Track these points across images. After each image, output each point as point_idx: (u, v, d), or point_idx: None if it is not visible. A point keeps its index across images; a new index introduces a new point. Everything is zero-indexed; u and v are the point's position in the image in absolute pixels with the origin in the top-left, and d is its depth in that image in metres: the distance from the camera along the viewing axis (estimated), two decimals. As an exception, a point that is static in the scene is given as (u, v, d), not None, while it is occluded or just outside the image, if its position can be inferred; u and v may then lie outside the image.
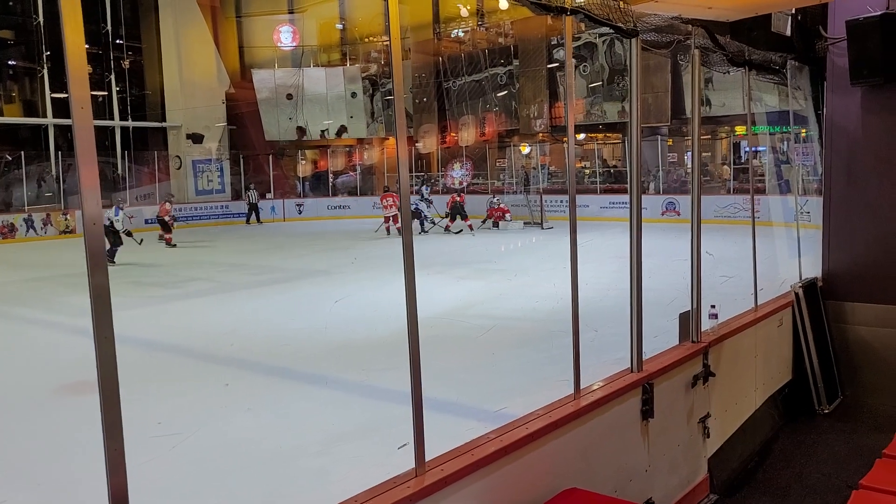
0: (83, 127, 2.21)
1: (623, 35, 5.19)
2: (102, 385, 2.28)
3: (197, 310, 11.34)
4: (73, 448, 5.38)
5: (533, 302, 10.52)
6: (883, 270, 7.71)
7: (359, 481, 3.45)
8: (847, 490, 4.39)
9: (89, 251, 2.26)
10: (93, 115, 2.25)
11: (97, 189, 2.27)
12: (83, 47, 2.17)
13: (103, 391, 2.28)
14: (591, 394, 4.75)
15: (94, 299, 2.26)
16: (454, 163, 32.62)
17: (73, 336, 9.14)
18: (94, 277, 2.27)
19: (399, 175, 3.64)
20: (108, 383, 2.29)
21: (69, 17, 2.10)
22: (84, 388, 6.51)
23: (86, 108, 2.19)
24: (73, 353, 8.09)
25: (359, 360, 7.76)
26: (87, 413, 2.53)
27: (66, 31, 2.12)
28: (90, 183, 2.23)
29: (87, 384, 2.40)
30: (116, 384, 2.31)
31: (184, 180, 31.08)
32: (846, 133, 7.92)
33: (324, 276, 14.48)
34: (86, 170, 2.21)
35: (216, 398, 6.57)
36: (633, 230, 5.39)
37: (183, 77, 31.51)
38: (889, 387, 7.71)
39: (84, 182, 2.21)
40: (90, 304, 2.26)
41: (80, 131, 2.21)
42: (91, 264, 2.26)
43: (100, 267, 2.27)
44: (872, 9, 7.24)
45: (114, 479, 2.33)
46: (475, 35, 33.15)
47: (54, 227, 24.57)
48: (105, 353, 2.28)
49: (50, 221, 24.63)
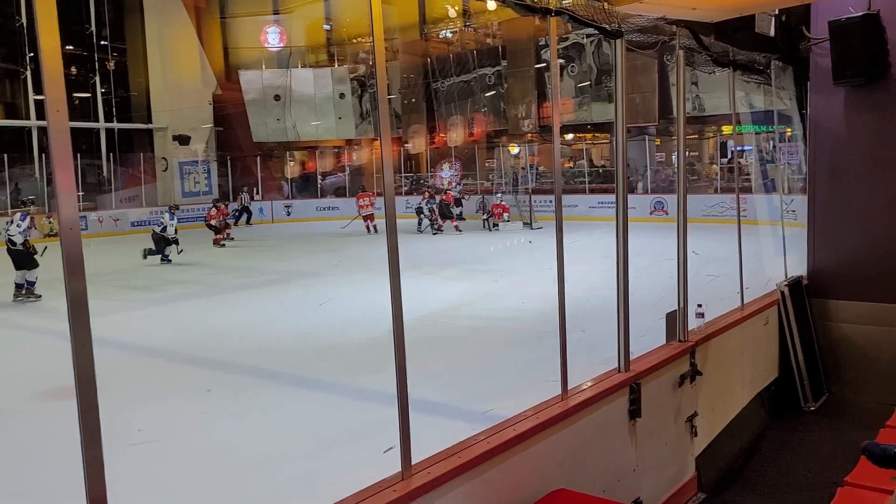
0: (59, 130, 2.18)
1: (608, 36, 5.20)
2: (80, 391, 2.25)
3: (181, 313, 11.28)
4: (56, 455, 5.33)
5: (521, 302, 10.52)
6: (867, 268, 7.75)
7: (347, 485, 3.43)
8: (833, 487, 4.41)
9: (66, 256, 2.23)
10: (77, 117, 2.23)
11: (74, 193, 2.25)
12: (58, 49, 2.14)
13: (81, 397, 2.26)
14: (579, 394, 4.74)
15: (72, 304, 2.24)
16: (443, 163, 32.63)
17: (56, 340, 9.06)
18: (71, 282, 2.24)
19: (384, 176, 3.62)
20: (85, 389, 2.26)
21: (44, 18, 2.07)
22: (67, 393, 6.45)
23: (61, 110, 2.16)
24: (56, 358, 7.99)
25: (346, 362, 7.73)
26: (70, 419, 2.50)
27: (41, 34, 2.09)
28: (67, 187, 2.20)
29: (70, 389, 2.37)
30: (94, 390, 2.28)
31: (170, 182, 30.92)
32: (830, 132, 7.96)
33: (311, 279, 14.43)
34: (62, 173, 2.19)
35: (199, 403, 6.51)
36: (620, 230, 5.39)
37: (168, 78, 31.33)
38: (873, 384, 7.75)
39: (60, 186, 2.18)
40: (67, 310, 2.23)
41: (56, 134, 2.18)
42: (68, 269, 2.23)
43: (77, 272, 2.24)
44: (854, 9, 7.28)
45: (93, 487, 2.30)
46: (463, 36, 33.16)
47: (38, 230, 24.39)
48: (83, 358, 2.25)
49: (34, 224, 24.43)
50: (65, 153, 2.21)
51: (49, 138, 2.16)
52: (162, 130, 31.71)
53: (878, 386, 7.70)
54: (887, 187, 7.58)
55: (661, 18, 5.78)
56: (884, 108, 7.52)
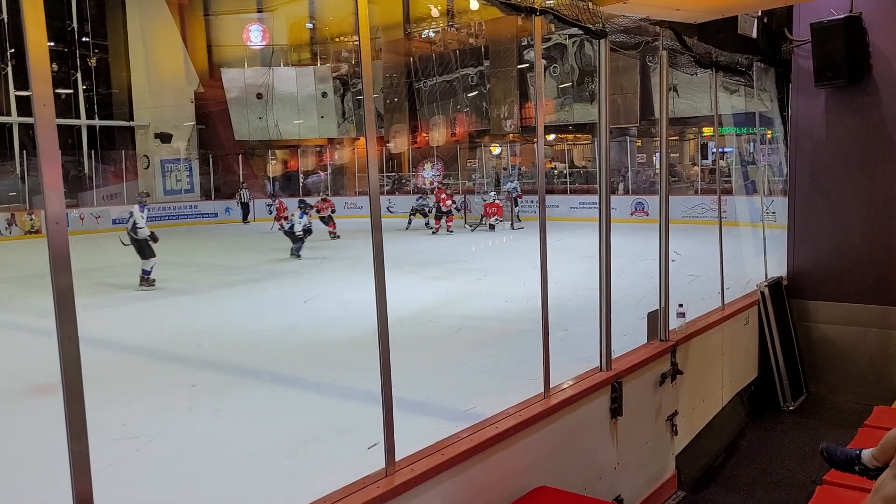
0: (45, 125, 2.17)
1: (592, 36, 5.22)
2: (66, 387, 2.25)
3: (163, 310, 11.22)
4: (40, 451, 5.29)
5: (503, 302, 10.56)
6: (846, 269, 7.84)
7: (329, 482, 3.43)
8: (811, 485, 4.46)
9: (52, 252, 2.22)
10: (59, 114, 2.22)
11: (60, 189, 2.24)
12: (45, 44, 2.13)
13: (67, 393, 2.25)
14: (561, 392, 4.77)
15: (58, 301, 2.23)
16: (425, 163, 32.63)
17: (39, 337, 8.98)
18: (57, 279, 2.23)
19: (368, 175, 3.62)
20: (71, 385, 2.25)
21: (30, 13, 2.07)
22: (50, 390, 6.41)
23: (48, 105, 2.15)
24: (39, 355, 7.95)
25: (329, 360, 7.73)
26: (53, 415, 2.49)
27: (28, 28, 2.08)
28: (53, 183, 2.19)
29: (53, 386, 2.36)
30: (80, 386, 2.28)
31: (152, 180, 30.73)
32: (811, 134, 8.04)
33: (294, 276, 14.39)
34: (48, 169, 2.18)
35: (182, 400, 6.50)
36: (603, 230, 5.43)
37: (151, 75, 31.13)
38: (851, 384, 7.84)
39: (47, 182, 2.17)
40: (53, 306, 2.22)
41: (43, 129, 2.17)
42: (54, 265, 2.22)
43: (63, 268, 2.23)
44: (836, 12, 7.36)
45: (78, 482, 2.29)
46: (446, 35, 33.19)
47: (19, 227, 24.13)
48: (69, 355, 2.24)
49: (14, 221, 24.19)
50: (51, 149, 2.20)
51: (36, 134, 2.15)
52: (144, 128, 31.50)
53: (856, 386, 7.79)
54: (865, 190, 7.68)
55: (645, 19, 5.82)
56: (864, 110, 7.60)
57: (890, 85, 7.45)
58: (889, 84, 7.45)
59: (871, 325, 7.69)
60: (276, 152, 34.03)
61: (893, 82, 7.43)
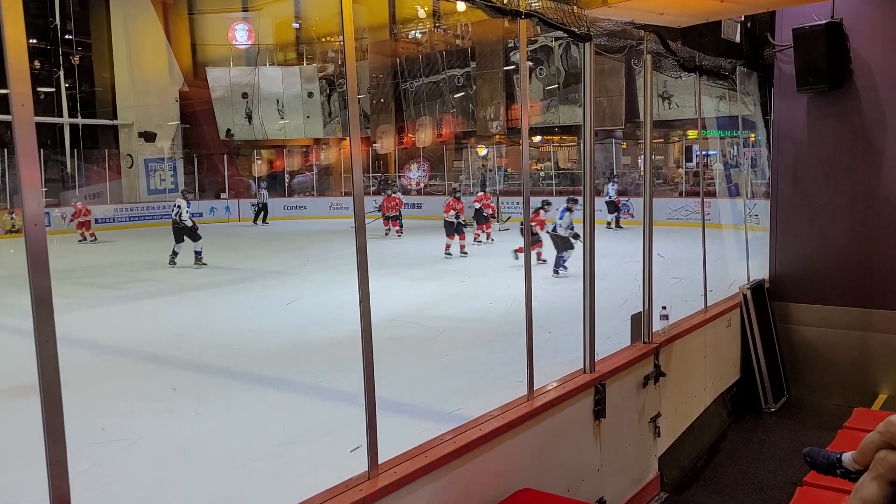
0: (24, 124, 2.15)
1: (577, 39, 5.24)
2: (44, 389, 2.22)
3: (145, 311, 11.14)
4: (18, 453, 5.24)
5: (487, 303, 10.56)
6: (826, 272, 7.91)
7: (312, 484, 3.42)
8: (792, 486, 4.49)
9: (31, 253, 2.20)
10: (41, 112, 2.20)
11: (39, 189, 2.22)
12: (24, 41, 2.11)
13: (45, 395, 2.23)
14: (545, 394, 4.78)
15: (36, 303, 2.21)
16: (411, 164, 32.62)
17: (18, 338, 8.89)
18: (35, 279, 2.21)
19: (353, 175, 3.61)
20: (49, 387, 2.23)
21: (8, 10, 2.04)
22: (29, 391, 6.34)
23: (27, 105, 2.13)
24: (19, 356, 7.87)
25: (312, 362, 7.70)
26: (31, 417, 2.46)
27: (6, 26, 2.06)
28: (31, 182, 2.17)
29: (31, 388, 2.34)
30: (59, 388, 2.25)
31: (135, 179, 30.48)
32: (793, 138, 8.11)
33: (278, 278, 14.33)
34: (27, 169, 2.16)
35: (163, 402, 6.44)
36: (587, 231, 5.45)
37: (134, 74, 30.89)
38: (832, 385, 7.91)
39: (25, 181, 2.15)
40: (31, 307, 2.20)
41: (21, 129, 2.15)
42: (32, 266, 2.20)
43: (41, 269, 2.21)
44: (818, 17, 7.42)
45: (56, 486, 2.27)
46: (432, 36, 33.20)
47: (0, 226, 23.90)
48: (47, 356, 2.22)
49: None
50: (30, 148, 2.18)
51: (14, 133, 2.13)
52: (127, 127, 31.25)
53: (836, 388, 7.86)
54: (846, 194, 7.75)
55: (630, 23, 5.85)
56: (845, 114, 7.68)
57: (870, 90, 7.52)
58: (869, 89, 7.53)
59: (851, 327, 7.76)
60: (261, 152, 33.88)
61: (874, 87, 7.51)
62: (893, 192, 7.46)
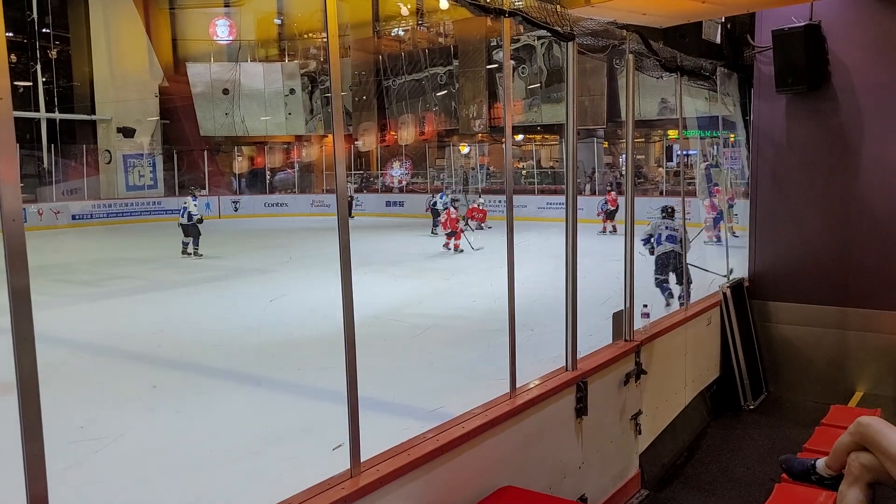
0: (2, 120, 2.12)
1: (560, 38, 5.25)
2: (21, 388, 2.19)
3: (124, 309, 11.04)
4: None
5: (470, 301, 10.58)
6: (804, 271, 7.98)
7: (293, 483, 3.40)
8: (770, 483, 4.53)
9: (8, 250, 2.17)
10: (18, 107, 2.17)
11: (17, 184, 2.18)
12: (2, 35, 2.07)
13: (22, 394, 2.19)
14: (527, 392, 4.78)
15: (14, 300, 2.18)
16: (393, 161, 32.57)
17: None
18: (13, 277, 2.18)
19: (336, 173, 3.59)
20: (27, 386, 2.20)
21: (-13, 4, 2.02)
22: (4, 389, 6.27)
23: (5, 99, 2.09)
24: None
25: (294, 360, 7.68)
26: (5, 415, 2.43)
27: (-15, 19, 2.03)
28: (10, 177, 2.14)
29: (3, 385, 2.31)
30: (36, 386, 2.22)
31: (114, 175, 30.17)
32: (772, 139, 8.17)
33: (259, 275, 14.26)
34: (5, 165, 2.12)
35: (142, 400, 6.39)
36: (569, 230, 5.46)
37: (113, 69, 30.57)
38: (810, 383, 7.98)
39: (3, 176, 2.12)
40: (9, 305, 2.17)
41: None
42: (10, 263, 2.17)
43: (20, 266, 2.18)
44: (797, 19, 7.48)
45: (33, 486, 2.24)
46: (415, 34, 33.15)
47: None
48: (24, 354, 2.19)
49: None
50: (8, 143, 2.14)
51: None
52: (106, 122, 30.94)
53: (814, 385, 7.93)
54: (824, 193, 7.82)
55: (612, 23, 5.87)
56: (823, 115, 7.75)
57: (848, 91, 7.60)
58: (847, 91, 7.60)
59: (829, 325, 7.84)
60: (242, 149, 33.66)
61: (851, 89, 7.58)
62: (870, 192, 7.54)
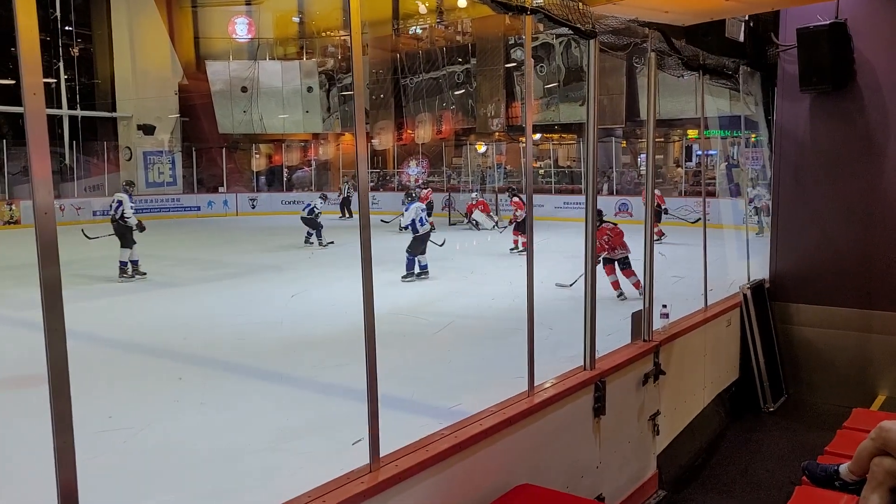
0: (35, 115, 2.15)
1: (582, 36, 5.23)
2: (52, 379, 2.22)
3: (148, 304, 11.14)
4: (16, 443, 5.25)
5: (488, 300, 10.57)
6: (826, 273, 7.92)
7: (309, 478, 3.43)
8: (790, 486, 4.51)
9: (40, 242, 2.20)
10: (44, 103, 2.19)
11: (49, 179, 2.22)
12: (36, 31, 2.10)
13: (53, 384, 2.23)
14: (545, 391, 4.78)
15: (46, 292, 2.21)
16: (410, 160, 32.60)
17: (17, 329, 8.90)
18: (45, 269, 2.21)
19: (357, 171, 3.61)
20: (58, 376, 2.23)
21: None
22: (27, 382, 6.35)
23: (38, 94, 2.13)
24: (17, 347, 7.88)
25: (313, 355, 7.72)
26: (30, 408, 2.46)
27: (19, 15, 2.06)
28: (42, 172, 2.17)
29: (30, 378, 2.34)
30: (67, 377, 2.26)
31: (134, 172, 30.41)
32: (795, 138, 8.11)
33: (278, 272, 14.34)
34: (38, 159, 2.15)
35: (167, 393, 6.47)
36: (589, 229, 5.45)
37: (135, 66, 30.82)
38: (830, 386, 7.92)
39: (36, 171, 2.15)
40: (41, 297, 2.20)
41: (33, 119, 2.15)
42: (42, 255, 2.21)
43: (51, 258, 2.22)
44: (822, 17, 7.42)
45: (63, 474, 2.27)
46: (433, 32, 33.15)
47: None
48: (55, 346, 2.22)
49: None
50: (41, 139, 2.17)
51: (26, 123, 2.13)
52: (126, 119, 31.19)
53: (834, 388, 7.87)
54: (848, 195, 7.75)
55: (634, 20, 5.84)
56: (848, 115, 7.68)
57: (873, 91, 7.53)
58: (873, 90, 7.53)
59: (850, 328, 7.78)
60: (260, 146, 33.84)
61: (877, 88, 7.51)
62: (895, 194, 7.47)
